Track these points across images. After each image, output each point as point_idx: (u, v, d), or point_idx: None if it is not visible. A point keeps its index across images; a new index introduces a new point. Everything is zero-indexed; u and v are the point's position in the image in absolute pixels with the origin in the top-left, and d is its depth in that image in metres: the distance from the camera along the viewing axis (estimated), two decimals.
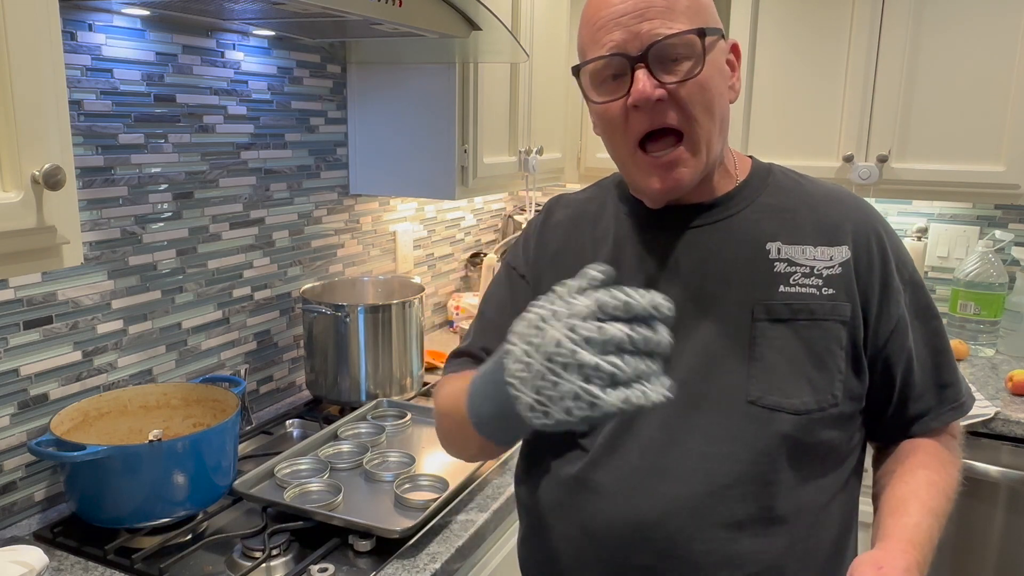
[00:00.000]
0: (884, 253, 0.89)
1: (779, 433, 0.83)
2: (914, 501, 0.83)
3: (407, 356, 1.71)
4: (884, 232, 0.91)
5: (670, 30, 0.80)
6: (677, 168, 0.85)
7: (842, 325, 0.86)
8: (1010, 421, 1.79)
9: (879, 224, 0.92)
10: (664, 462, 0.84)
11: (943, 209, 2.38)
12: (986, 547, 1.87)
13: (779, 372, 0.84)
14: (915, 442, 0.93)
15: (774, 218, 0.90)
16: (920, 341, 0.91)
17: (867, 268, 0.88)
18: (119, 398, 1.32)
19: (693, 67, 0.82)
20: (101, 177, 1.32)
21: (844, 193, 0.95)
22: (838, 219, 0.89)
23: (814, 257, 0.87)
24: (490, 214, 2.69)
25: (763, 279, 0.87)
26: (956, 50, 2.00)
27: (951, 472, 0.90)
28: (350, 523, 1.16)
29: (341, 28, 1.41)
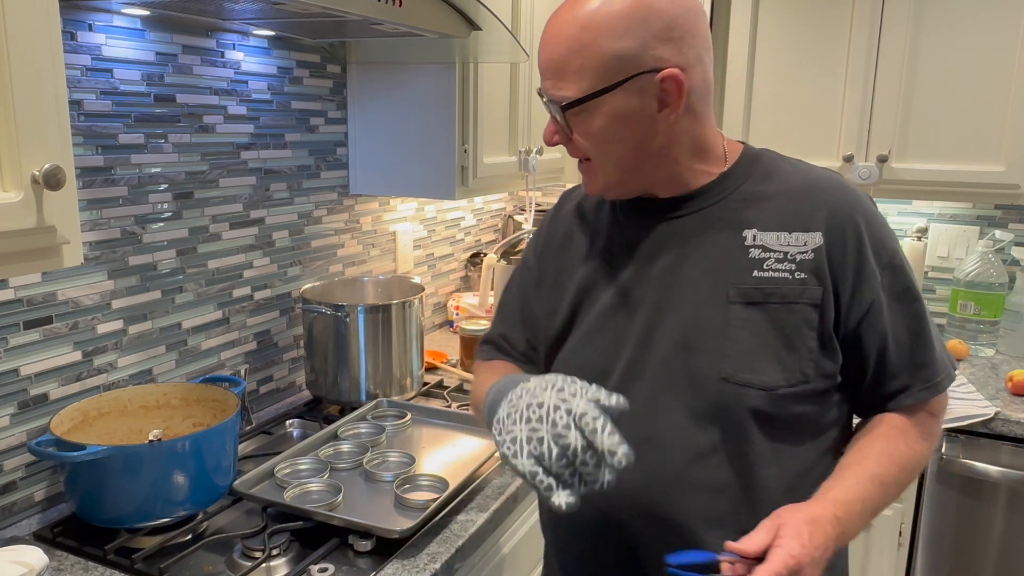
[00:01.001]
0: (859, 239, 0.92)
1: (749, 407, 0.90)
2: (857, 466, 0.89)
3: (407, 356, 1.71)
4: (863, 218, 0.93)
5: (557, 91, 0.91)
6: (588, 179, 0.98)
7: (813, 308, 0.91)
8: (1010, 421, 1.79)
9: (857, 210, 0.94)
10: (649, 433, 0.93)
11: (943, 209, 2.38)
12: (986, 547, 1.87)
13: (750, 351, 0.90)
14: (884, 416, 0.96)
15: (753, 206, 0.95)
16: (897, 323, 0.94)
17: (840, 254, 0.92)
18: (119, 398, 1.32)
19: (580, 125, 0.92)
20: (101, 177, 1.32)
21: (827, 179, 0.97)
22: (814, 206, 0.93)
23: (788, 243, 0.92)
24: (490, 214, 2.69)
25: (738, 264, 0.93)
26: (956, 50, 2.00)
27: (914, 446, 0.93)
28: (350, 523, 1.16)
29: (341, 28, 1.41)
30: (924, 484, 1.91)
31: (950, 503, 1.89)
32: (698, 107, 0.93)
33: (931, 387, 0.95)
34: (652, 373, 0.94)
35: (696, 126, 0.94)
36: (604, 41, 0.87)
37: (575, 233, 1.07)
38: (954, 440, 1.86)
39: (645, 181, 0.97)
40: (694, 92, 0.91)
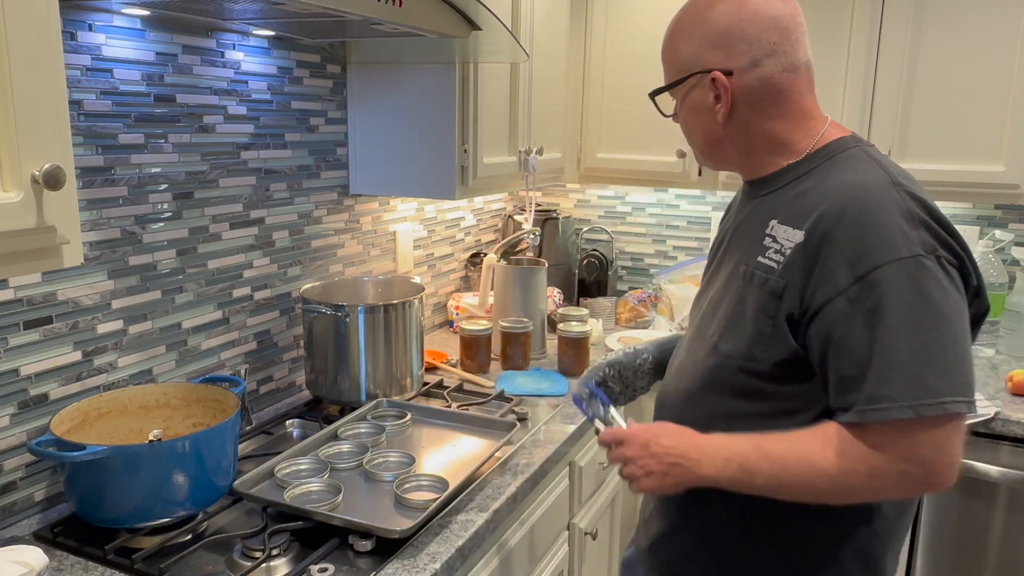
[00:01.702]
0: (832, 244, 0.93)
1: (713, 365, 1.06)
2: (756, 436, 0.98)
3: (407, 356, 1.71)
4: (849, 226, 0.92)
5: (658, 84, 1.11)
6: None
7: (773, 297, 0.98)
8: (1010, 421, 1.79)
9: (846, 218, 0.93)
10: (676, 369, 1.17)
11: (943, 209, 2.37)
12: (986, 547, 1.87)
13: (729, 321, 1.05)
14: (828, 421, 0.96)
15: (790, 199, 1.02)
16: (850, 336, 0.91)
17: (811, 254, 0.95)
18: (119, 398, 1.32)
19: (669, 111, 1.13)
20: (101, 177, 1.32)
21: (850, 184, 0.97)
22: (814, 206, 0.97)
23: (787, 236, 0.99)
24: (490, 214, 2.69)
25: (755, 248, 1.03)
26: (956, 50, 2.00)
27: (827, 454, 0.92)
28: (350, 523, 1.16)
29: (341, 28, 1.41)
30: None
31: (950, 503, 1.89)
32: (760, 104, 1.03)
33: (861, 412, 0.90)
34: (694, 326, 1.16)
35: (761, 120, 1.04)
36: (676, 45, 1.07)
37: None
38: None
39: (724, 162, 1.13)
40: (747, 91, 1.02)
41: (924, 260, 0.90)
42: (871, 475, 0.90)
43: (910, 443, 0.88)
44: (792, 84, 1.02)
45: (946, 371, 0.88)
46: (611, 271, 2.68)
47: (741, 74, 1.01)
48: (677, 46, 1.06)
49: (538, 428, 1.64)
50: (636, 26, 2.32)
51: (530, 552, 1.50)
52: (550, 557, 1.62)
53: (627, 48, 2.35)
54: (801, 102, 1.04)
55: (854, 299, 0.91)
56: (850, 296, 0.91)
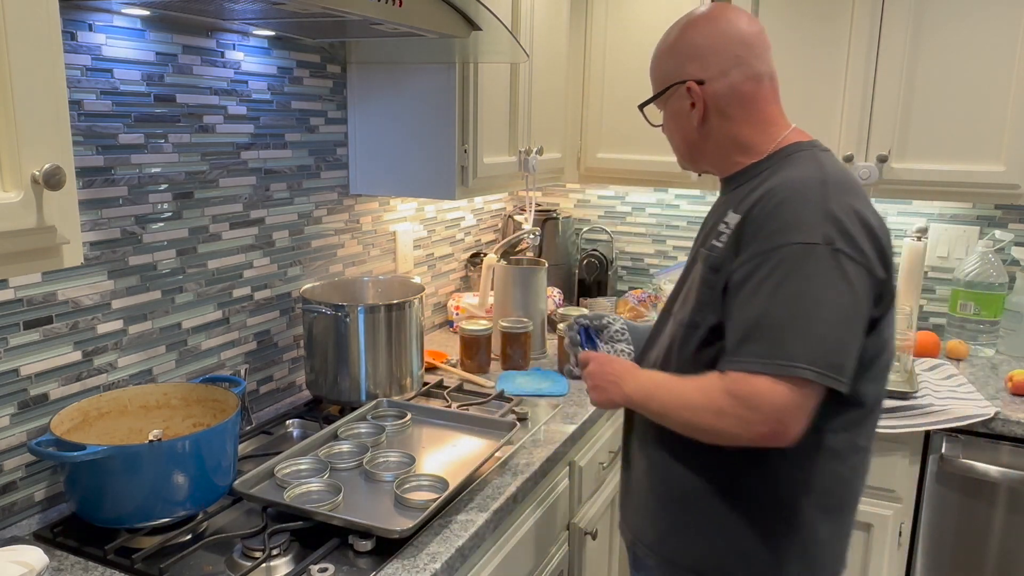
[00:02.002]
0: (754, 224, 1.07)
1: (671, 333, 1.22)
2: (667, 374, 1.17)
3: (407, 356, 1.71)
4: (772, 210, 1.05)
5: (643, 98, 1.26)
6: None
7: (714, 271, 1.12)
8: (1010, 421, 1.79)
9: (771, 204, 1.06)
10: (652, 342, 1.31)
11: (943, 209, 2.38)
12: (986, 547, 1.87)
13: (684, 295, 1.21)
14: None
15: (747, 193, 1.13)
16: (740, 299, 1.06)
17: (741, 232, 1.08)
18: (119, 398, 1.32)
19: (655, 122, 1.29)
20: (101, 177, 1.32)
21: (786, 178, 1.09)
22: (752, 191, 1.12)
23: (730, 221, 1.12)
24: (490, 214, 2.69)
25: (712, 235, 1.16)
26: (956, 50, 2.00)
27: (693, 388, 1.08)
28: (350, 523, 1.16)
29: (341, 28, 1.41)
30: (924, 484, 1.91)
31: (950, 503, 1.89)
32: (728, 110, 1.17)
33: (727, 362, 1.05)
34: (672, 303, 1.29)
35: (728, 124, 1.18)
36: (660, 62, 1.23)
37: None
38: (954, 440, 1.86)
39: (700, 163, 1.27)
40: (717, 98, 1.16)
41: (819, 248, 1.01)
42: (718, 414, 1.04)
43: (756, 394, 1.00)
44: (756, 92, 1.16)
45: (806, 342, 0.99)
46: (611, 271, 2.68)
47: (712, 82, 1.16)
48: (660, 63, 1.22)
49: (538, 428, 1.64)
50: (636, 26, 2.32)
51: (530, 552, 1.50)
52: (550, 557, 1.62)
53: (627, 48, 2.35)
54: (766, 109, 1.18)
55: (752, 269, 1.05)
56: (750, 267, 1.05)
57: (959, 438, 1.85)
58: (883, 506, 1.96)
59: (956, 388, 1.96)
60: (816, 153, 1.14)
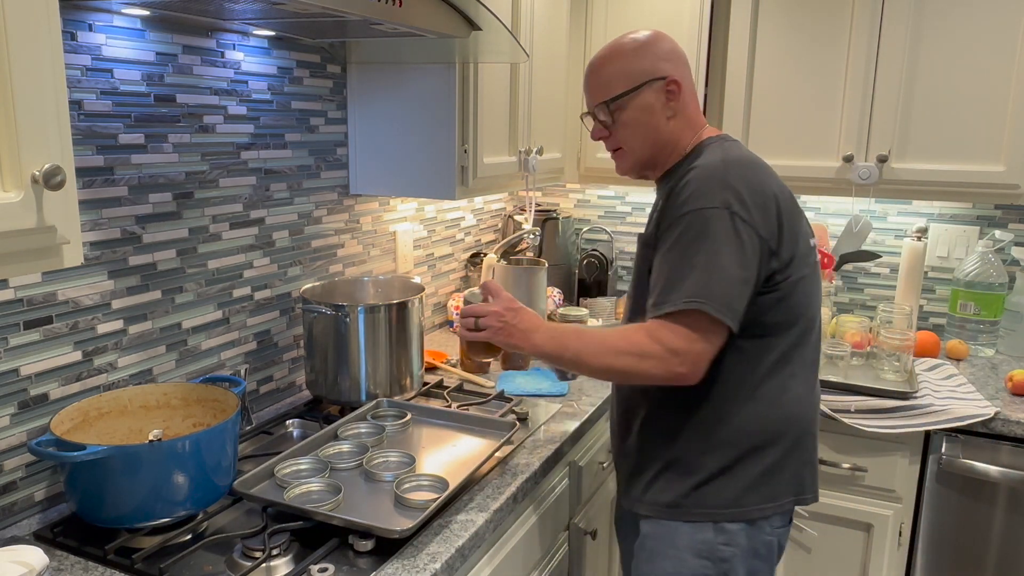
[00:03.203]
0: (671, 202, 1.25)
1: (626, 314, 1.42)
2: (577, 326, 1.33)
3: (407, 356, 1.71)
4: (686, 187, 1.23)
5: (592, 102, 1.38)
6: (619, 163, 1.42)
7: (649, 248, 1.29)
8: (1010, 421, 1.79)
9: (687, 182, 1.24)
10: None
11: (943, 209, 2.38)
12: (986, 547, 1.87)
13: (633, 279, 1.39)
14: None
15: (674, 182, 1.29)
16: (657, 258, 1.25)
17: (663, 210, 1.27)
18: (119, 398, 1.32)
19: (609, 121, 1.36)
20: (101, 177, 1.32)
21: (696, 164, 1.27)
22: (678, 178, 1.28)
23: (659, 206, 1.30)
24: (490, 214, 2.69)
25: (651, 220, 1.33)
26: (956, 50, 2.00)
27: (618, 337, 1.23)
28: (350, 523, 1.16)
29: (341, 28, 1.41)
30: (924, 484, 1.91)
31: (950, 503, 1.89)
32: (685, 110, 1.36)
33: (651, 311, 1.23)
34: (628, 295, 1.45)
35: (676, 124, 1.36)
36: (625, 63, 1.33)
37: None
38: (954, 440, 1.86)
39: (654, 162, 1.38)
40: (683, 95, 1.35)
41: (719, 211, 1.19)
42: (641, 356, 1.20)
43: (669, 334, 1.19)
44: (694, 97, 1.38)
45: (704, 283, 1.17)
46: (611, 271, 2.68)
47: (683, 81, 1.34)
48: (626, 64, 1.33)
49: (538, 428, 1.64)
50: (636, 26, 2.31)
51: (530, 552, 1.50)
52: (550, 557, 1.62)
53: None
54: (697, 112, 1.38)
55: (664, 233, 1.24)
56: (664, 233, 1.24)
57: (959, 438, 1.85)
58: (883, 506, 1.96)
59: (956, 388, 1.96)
60: (723, 143, 1.33)
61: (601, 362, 1.23)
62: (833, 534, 2.01)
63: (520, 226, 2.54)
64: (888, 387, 1.94)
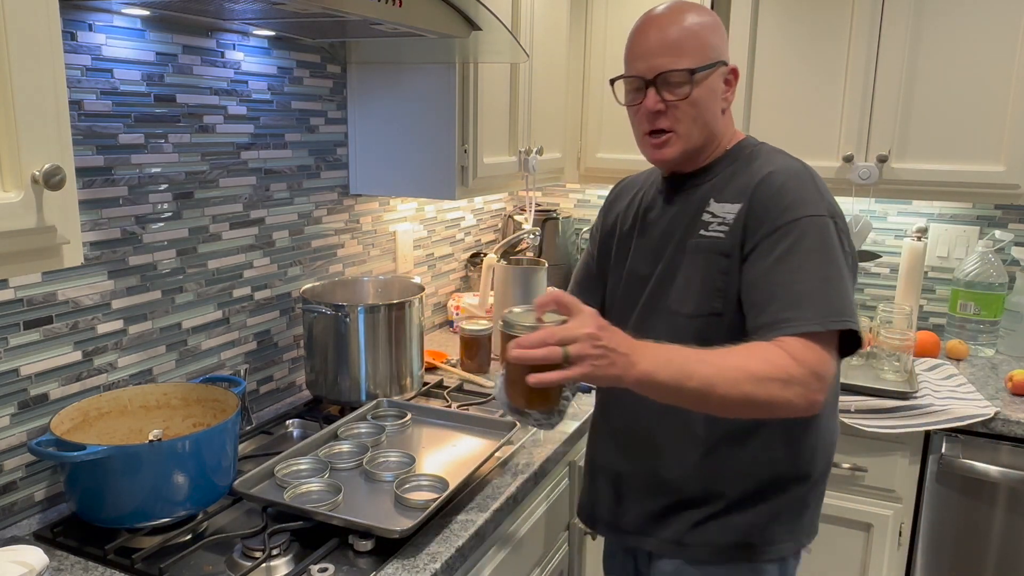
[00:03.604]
0: (763, 206, 1.15)
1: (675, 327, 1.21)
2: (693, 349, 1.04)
3: (407, 356, 1.71)
4: (777, 192, 1.14)
5: (675, 66, 1.17)
6: (668, 149, 1.23)
7: (724, 257, 1.18)
8: (1010, 421, 1.79)
9: (774, 187, 1.15)
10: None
11: (943, 209, 2.38)
12: (986, 547, 1.87)
13: (681, 289, 1.22)
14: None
15: (723, 184, 1.23)
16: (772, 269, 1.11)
17: (748, 216, 1.16)
18: (119, 398, 1.32)
19: (686, 92, 1.18)
20: (101, 177, 1.32)
21: (769, 163, 1.19)
22: (747, 183, 1.19)
23: (727, 211, 1.19)
24: (490, 214, 2.69)
25: (696, 226, 1.22)
26: (956, 50, 2.00)
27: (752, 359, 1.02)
28: (350, 523, 1.16)
29: (341, 28, 1.41)
30: (924, 484, 1.91)
31: (950, 503, 1.89)
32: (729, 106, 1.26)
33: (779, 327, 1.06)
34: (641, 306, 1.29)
35: (726, 121, 1.27)
36: (706, 35, 1.19)
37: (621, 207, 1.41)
38: (954, 440, 1.86)
39: (696, 155, 1.25)
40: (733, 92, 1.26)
41: (828, 220, 1.12)
42: (786, 383, 1.00)
43: (813, 355, 1.03)
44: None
45: (843, 300, 1.07)
46: None
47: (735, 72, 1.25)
48: (707, 35, 1.19)
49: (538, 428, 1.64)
50: None
51: (530, 552, 1.50)
52: (550, 557, 1.62)
53: None
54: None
55: (774, 242, 1.12)
56: (771, 240, 1.12)
57: (959, 438, 1.85)
58: (883, 506, 1.96)
59: (956, 388, 1.96)
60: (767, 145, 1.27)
61: (740, 392, 0.98)
62: (833, 534, 2.01)
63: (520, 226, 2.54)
64: (888, 387, 1.94)
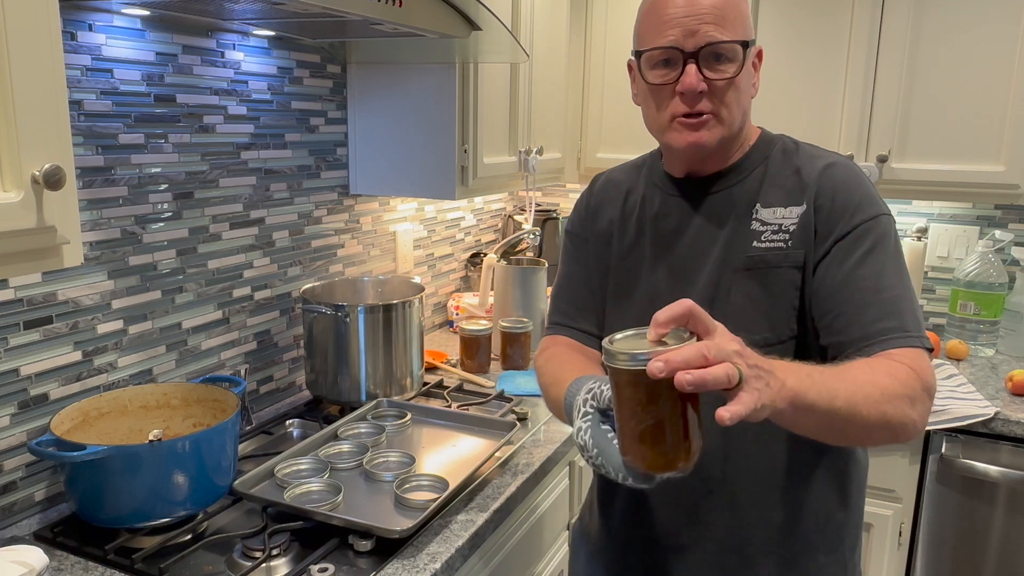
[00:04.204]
0: (830, 206, 1.02)
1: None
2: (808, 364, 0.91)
3: (407, 356, 1.71)
4: (842, 190, 1.03)
5: (723, 36, 0.99)
6: (706, 132, 1.03)
7: (797, 270, 1.03)
8: (1010, 421, 1.79)
9: (837, 185, 1.03)
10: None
11: (943, 209, 2.38)
12: (986, 547, 1.87)
13: (745, 313, 1.03)
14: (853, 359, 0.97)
15: (767, 185, 1.07)
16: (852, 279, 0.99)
17: (814, 220, 1.03)
18: (119, 398, 1.32)
19: (735, 70, 1.01)
20: (101, 177, 1.32)
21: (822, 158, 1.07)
22: (801, 182, 1.05)
23: (783, 216, 1.05)
24: (490, 214, 2.69)
25: (743, 238, 1.06)
26: (956, 50, 2.00)
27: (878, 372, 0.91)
28: (350, 523, 1.16)
29: (341, 28, 1.41)
30: (924, 484, 1.91)
31: (950, 503, 1.89)
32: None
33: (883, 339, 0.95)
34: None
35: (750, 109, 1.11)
36: (743, 4, 1.03)
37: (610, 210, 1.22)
38: (954, 440, 1.86)
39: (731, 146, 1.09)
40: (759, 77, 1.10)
41: (890, 219, 1.03)
42: (913, 401, 0.89)
43: (929, 370, 0.93)
44: None
45: (917, 309, 0.99)
46: None
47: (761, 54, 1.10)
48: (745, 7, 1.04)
49: (538, 428, 1.64)
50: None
51: (530, 552, 1.50)
52: (550, 557, 1.62)
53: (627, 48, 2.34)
54: None
55: (852, 244, 1.00)
56: (847, 243, 1.00)
57: (959, 438, 1.85)
58: (883, 506, 1.96)
59: (956, 388, 1.96)
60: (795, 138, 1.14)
61: (877, 411, 0.86)
62: None
63: (520, 226, 2.54)
64: None
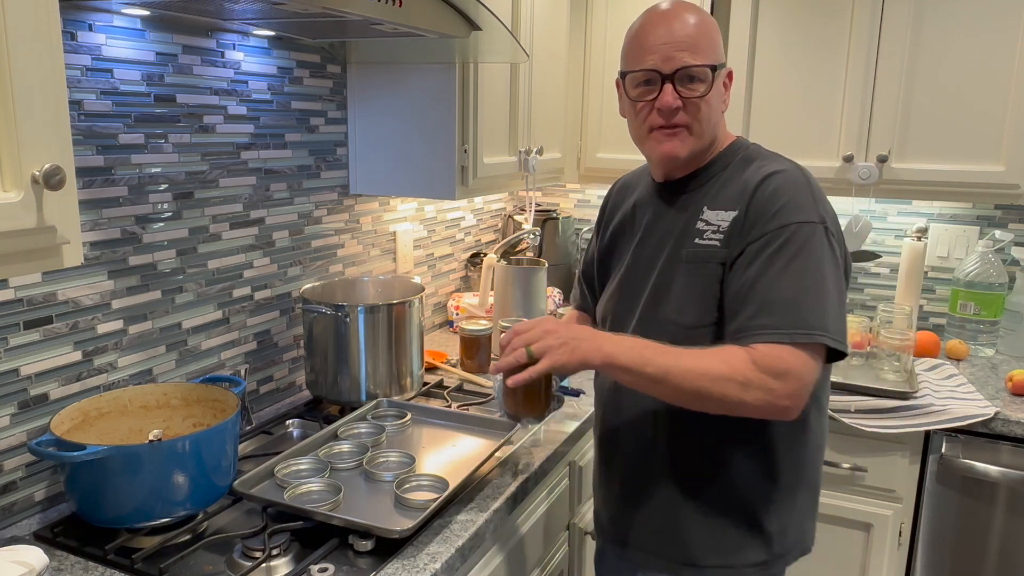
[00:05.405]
0: (756, 211, 1.14)
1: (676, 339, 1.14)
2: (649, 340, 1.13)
3: (407, 356, 1.71)
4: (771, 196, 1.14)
5: (695, 61, 1.16)
6: (679, 144, 1.20)
7: (721, 266, 1.17)
8: (1010, 421, 1.79)
9: (768, 191, 1.14)
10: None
11: (943, 209, 2.38)
12: (986, 547, 1.87)
13: (681, 299, 1.21)
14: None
15: (717, 190, 1.22)
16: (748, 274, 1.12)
17: (743, 222, 1.15)
18: (119, 398, 1.32)
19: (705, 89, 1.17)
20: (101, 177, 1.32)
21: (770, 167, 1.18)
22: (742, 189, 1.18)
23: (721, 219, 1.18)
24: (490, 214, 2.69)
25: (690, 235, 1.21)
26: (956, 50, 2.00)
27: (713, 359, 1.08)
28: (350, 523, 1.16)
29: (341, 28, 1.41)
30: (924, 484, 1.91)
31: (950, 503, 1.89)
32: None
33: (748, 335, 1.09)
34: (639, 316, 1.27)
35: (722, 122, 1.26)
36: (714, 33, 1.20)
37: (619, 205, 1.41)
38: (954, 440, 1.86)
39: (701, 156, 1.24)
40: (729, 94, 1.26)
41: (817, 227, 1.11)
42: (744, 385, 1.05)
43: (784, 365, 1.05)
44: None
45: (821, 312, 1.07)
46: None
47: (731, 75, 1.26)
48: (715, 36, 1.20)
49: (538, 428, 1.64)
50: None
51: (530, 552, 1.50)
52: (550, 557, 1.62)
53: None
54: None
55: (760, 248, 1.12)
56: (757, 246, 1.12)
57: (959, 438, 1.85)
58: (883, 506, 1.96)
59: (956, 388, 1.96)
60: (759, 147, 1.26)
61: (694, 385, 1.06)
62: (833, 534, 2.01)
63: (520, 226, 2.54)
64: (888, 387, 1.94)
